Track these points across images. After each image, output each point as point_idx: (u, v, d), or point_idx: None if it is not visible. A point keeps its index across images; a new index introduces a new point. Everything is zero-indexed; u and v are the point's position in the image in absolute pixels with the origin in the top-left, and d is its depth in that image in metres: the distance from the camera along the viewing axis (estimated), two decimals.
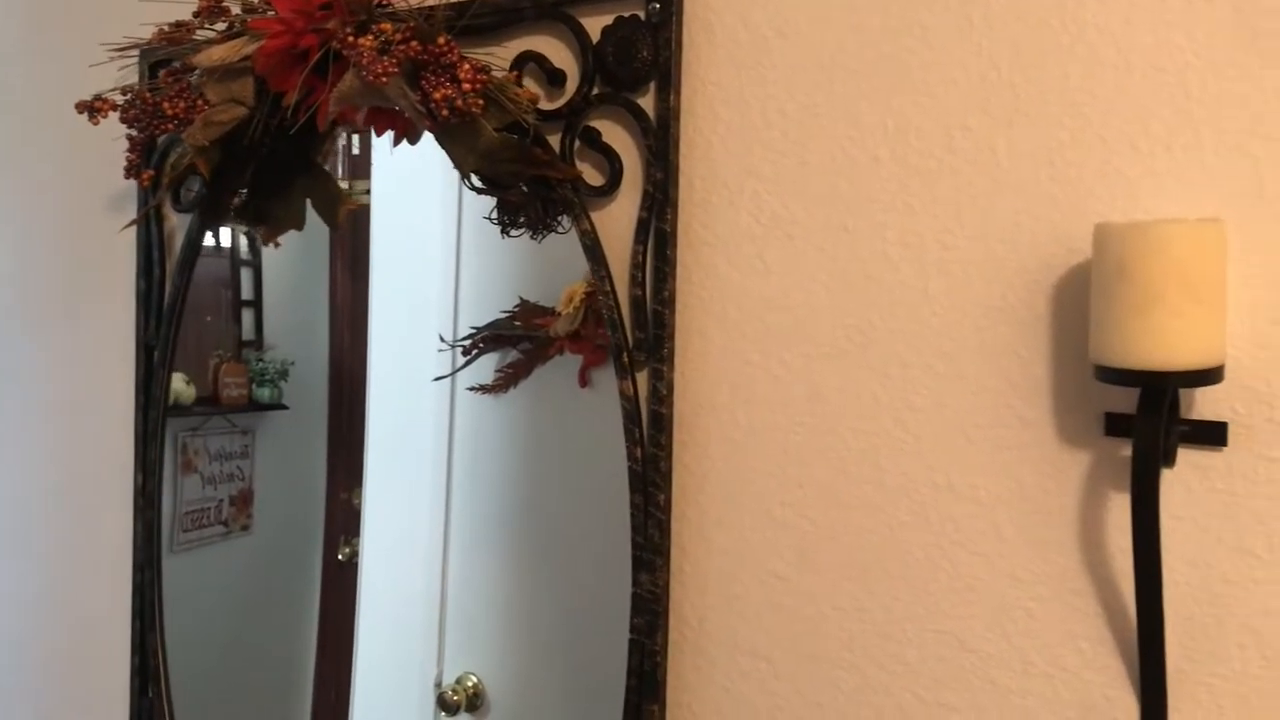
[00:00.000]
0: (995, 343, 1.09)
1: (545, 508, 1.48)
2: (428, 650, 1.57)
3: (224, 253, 1.78)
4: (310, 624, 1.79)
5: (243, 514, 1.83)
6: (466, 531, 1.54)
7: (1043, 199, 1.07)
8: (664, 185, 1.23)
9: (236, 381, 1.79)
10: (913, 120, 1.13)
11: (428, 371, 1.55)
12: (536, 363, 1.46)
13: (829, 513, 1.19)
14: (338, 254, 1.77)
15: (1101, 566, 1.05)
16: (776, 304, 1.21)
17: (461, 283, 1.55)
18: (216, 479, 1.79)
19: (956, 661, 1.12)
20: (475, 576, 1.54)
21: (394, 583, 1.66)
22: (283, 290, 1.84)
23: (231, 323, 1.82)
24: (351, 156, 1.77)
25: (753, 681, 1.24)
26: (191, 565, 1.77)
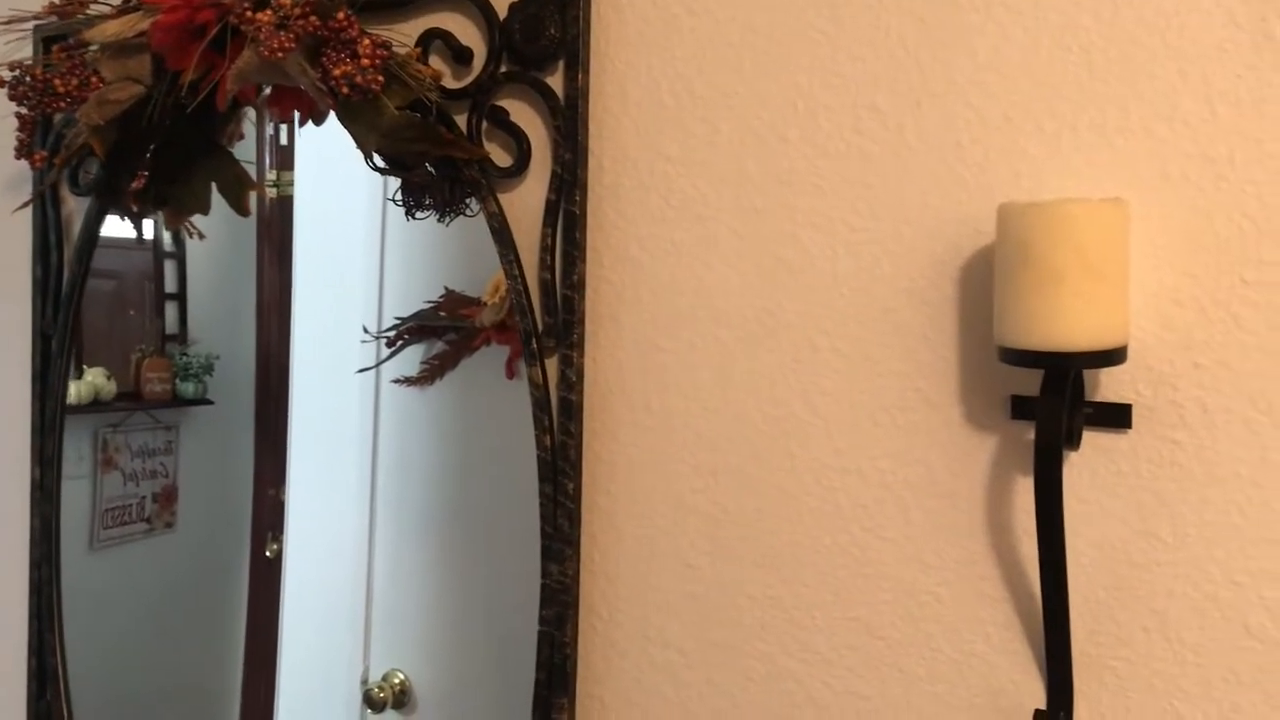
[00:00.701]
0: (903, 325, 1.08)
1: (472, 501, 1.46)
2: (354, 647, 1.54)
3: (146, 245, 1.74)
4: (238, 622, 1.76)
5: (166, 511, 1.79)
6: (393, 526, 1.52)
7: (950, 180, 1.06)
8: (573, 166, 1.20)
9: (160, 376, 1.76)
10: (821, 100, 1.11)
11: (352, 364, 1.52)
12: (463, 354, 1.44)
13: (741, 499, 1.17)
14: (265, 246, 1.73)
15: (1008, 551, 1.04)
16: (687, 287, 1.19)
17: (386, 273, 1.52)
18: (139, 475, 1.75)
19: (866, 649, 1.11)
20: (402, 572, 1.52)
21: (319, 579, 1.63)
22: (208, 283, 1.80)
23: (154, 316, 1.78)
24: (279, 147, 1.73)
25: (664, 672, 1.22)
26: (113, 563, 1.73)
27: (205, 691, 1.81)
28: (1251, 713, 0.96)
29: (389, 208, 1.52)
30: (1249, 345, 0.95)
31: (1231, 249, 0.95)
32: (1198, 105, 0.96)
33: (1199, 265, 0.96)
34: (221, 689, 1.78)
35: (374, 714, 1.50)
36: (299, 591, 1.64)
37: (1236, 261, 0.95)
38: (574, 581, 1.23)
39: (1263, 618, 0.95)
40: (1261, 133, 0.94)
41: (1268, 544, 0.95)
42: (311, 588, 1.64)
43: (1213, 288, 0.96)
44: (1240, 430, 0.95)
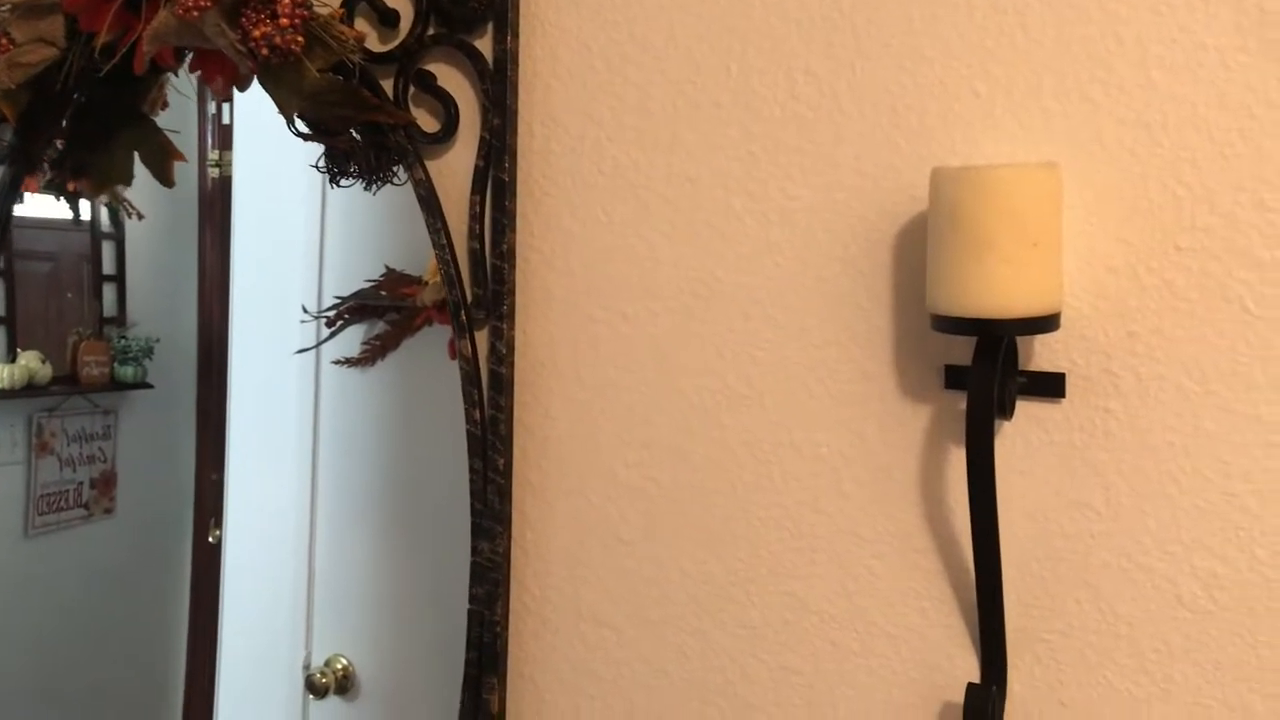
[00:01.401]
0: (838, 294, 1.06)
1: (413, 483, 1.44)
2: (296, 632, 1.51)
3: (84, 226, 1.71)
4: (180, 609, 1.75)
5: (105, 497, 1.76)
6: (334, 509, 1.49)
7: (884, 146, 1.04)
8: (502, 132, 1.17)
9: (97, 360, 1.73)
10: (755, 65, 1.09)
11: (293, 345, 1.49)
12: (404, 334, 1.41)
13: (674, 473, 1.15)
14: (207, 227, 1.72)
15: (942, 523, 1.03)
16: (619, 256, 1.16)
17: (327, 252, 1.49)
18: (76, 461, 1.72)
19: (799, 624, 1.09)
20: (344, 556, 1.49)
21: (260, 564, 1.60)
22: (148, 265, 1.78)
23: (92, 299, 1.75)
24: (221, 126, 1.70)
25: (597, 650, 1.19)
26: (50, 550, 1.70)
27: (147, 680, 1.79)
28: (1184, 684, 0.95)
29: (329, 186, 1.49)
30: (1183, 313, 0.94)
31: (1166, 215, 0.94)
32: (1133, 70, 0.95)
33: (1133, 232, 0.95)
34: (164, 677, 1.76)
35: (316, 699, 1.47)
36: (239, 577, 1.62)
37: (1171, 228, 0.94)
38: (505, 559, 1.20)
39: (1195, 588, 0.95)
40: (1196, 97, 0.93)
41: (1200, 513, 0.94)
42: (252, 573, 1.61)
43: (1147, 255, 0.95)
44: (1173, 399, 0.94)
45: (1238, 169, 0.92)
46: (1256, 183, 0.91)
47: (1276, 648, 0.92)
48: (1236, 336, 0.92)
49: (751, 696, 1.12)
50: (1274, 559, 0.92)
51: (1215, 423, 0.93)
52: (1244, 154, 0.91)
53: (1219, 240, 0.92)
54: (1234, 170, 0.92)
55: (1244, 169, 0.92)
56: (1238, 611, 0.93)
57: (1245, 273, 0.92)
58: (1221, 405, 0.93)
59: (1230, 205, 0.92)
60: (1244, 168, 0.92)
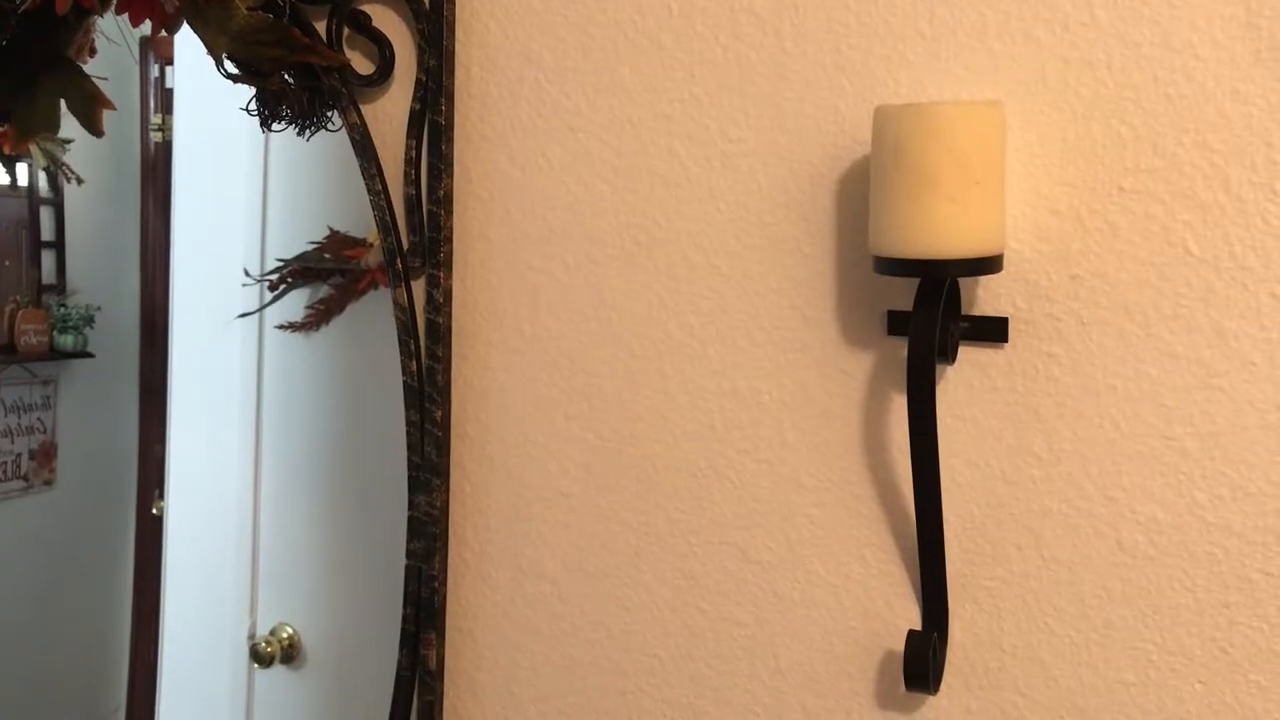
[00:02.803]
0: (780, 240, 1.04)
1: (359, 448, 1.41)
2: (240, 602, 1.48)
3: (20, 191, 1.67)
4: (124, 579, 1.73)
5: (45, 468, 1.73)
6: (279, 477, 1.46)
7: (828, 87, 1.02)
8: (438, 74, 1.14)
9: (36, 329, 1.70)
10: (697, 3, 1.06)
11: (234, 310, 1.45)
12: (349, 298, 1.37)
13: (615, 425, 1.13)
14: (149, 192, 1.69)
15: (884, 470, 1.02)
16: (559, 203, 1.13)
17: (269, 214, 1.45)
18: (14, 432, 1.69)
19: (740, 574, 1.08)
20: (288, 524, 1.46)
21: (204, 533, 1.56)
22: (88, 231, 1.74)
23: (30, 266, 1.71)
24: (164, 90, 1.66)
25: (537, 605, 1.17)
26: None
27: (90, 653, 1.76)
28: (1123, 628, 0.95)
29: (271, 147, 1.45)
30: (1125, 255, 0.93)
31: (1109, 156, 0.93)
32: (1077, 9, 0.93)
33: (1076, 174, 0.94)
34: (108, 650, 1.74)
35: (262, 669, 1.45)
36: (182, 547, 1.58)
37: (1114, 170, 0.93)
38: (442, 513, 1.18)
39: (1135, 534, 0.94)
40: (1140, 37, 0.91)
41: (1141, 459, 0.94)
42: (195, 543, 1.57)
43: (1090, 197, 0.94)
44: (1115, 343, 0.94)
45: (1181, 110, 0.91)
46: (1200, 124, 0.90)
47: (1213, 591, 0.92)
48: (1179, 279, 0.92)
49: (692, 648, 1.11)
50: (1213, 503, 0.92)
51: (1157, 367, 0.93)
52: (1188, 95, 0.90)
53: (1162, 182, 0.92)
54: (1178, 111, 0.91)
55: (1187, 110, 0.91)
56: (1177, 556, 0.93)
57: (1188, 214, 0.91)
58: (1163, 349, 0.92)
59: (1174, 147, 0.91)
60: (1187, 109, 0.91)
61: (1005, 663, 0.99)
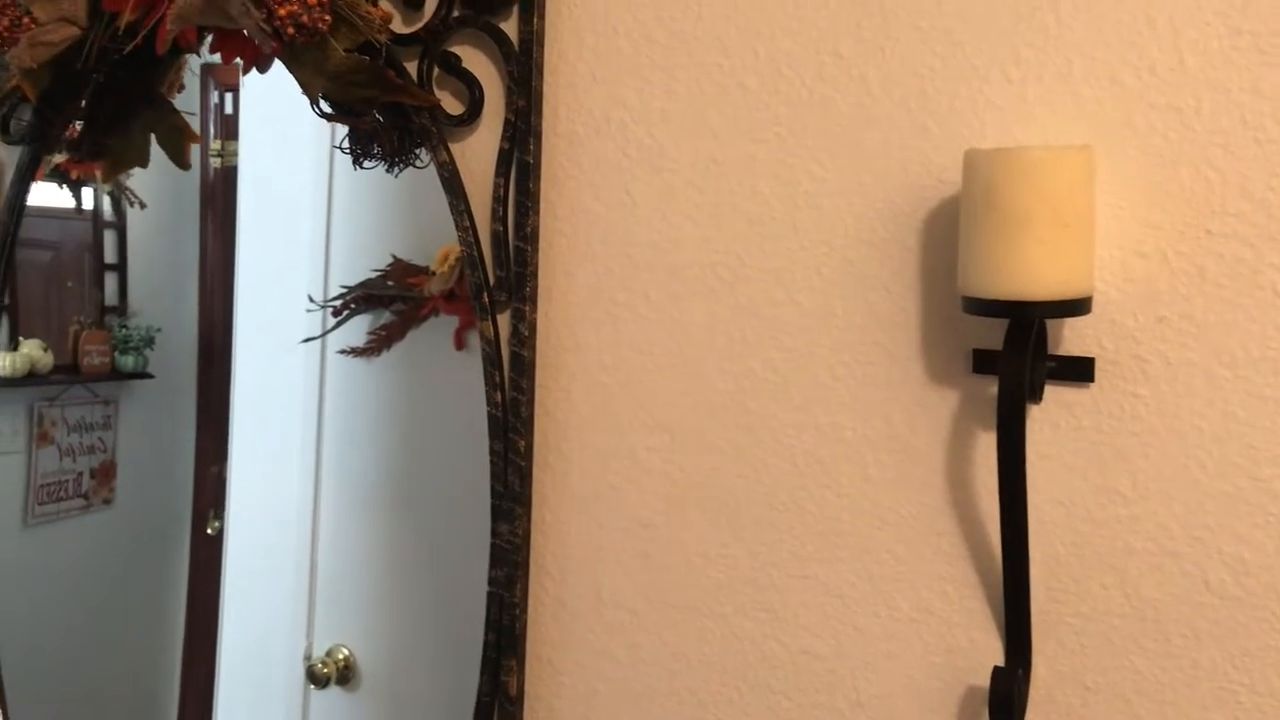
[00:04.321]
0: (864, 278, 1.06)
1: (419, 473, 1.43)
2: (297, 623, 1.51)
3: (85, 215, 1.69)
4: (178, 598, 1.73)
5: (105, 487, 1.74)
6: (338, 499, 1.48)
7: (913, 129, 1.03)
8: (527, 114, 1.17)
9: (98, 349, 1.71)
10: (782, 47, 1.08)
11: (297, 335, 1.48)
12: (410, 324, 1.40)
13: (696, 457, 1.14)
14: (209, 216, 1.70)
15: (968, 507, 1.03)
16: (643, 240, 1.16)
17: (333, 242, 1.48)
18: (76, 451, 1.70)
19: (821, 608, 1.09)
20: (347, 545, 1.49)
21: (263, 554, 1.59)
22: (149, 254, 1.76)
23: (93, 288, 1.73)
24: (224, 116, 1.69)
25: (616, 633, 1.19)
26: (48, 539, 1.68)
27: (145, 671, 1.77)
28: (1210, 669, 0.95)
29: (335, 174, 1.48)
30: (1213, 298, 0.94)
31: (1196, 200, 0.94)
32: (1165, 54, 0.95)
33: (1163, 216, 0.95)
34: (161, 668, 1.75)
35: (317, 689, 1.47)
36: (241, 567, 1.61)
37: (1201, 213, 0.94)
38: (525, 541, 1.20)
39: (1222, 573, 0.95)
40: (1230, 82, 0.93)
41: (1228, 499, 0.94)
42: (254, 563, 1.60)
43: (1177, 239, 0.95)
44: (1203, 384, 0.94)
45: (1271, 155, 0.92)
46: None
47: None
48: (1267, 322, 0.92)
49: (772, 680, 1.12)
50: None
51: (1244, 408, 0.93)
52: (1277, 139, 0.91)
53: (1250, 225, 0.92)
54: (1267, 156, 0.92)
55: (1276, 155, 0.91)
56: (1265, 597, 0.93)
57: (1276, 257, 0.92)
58: (1251, 391, 0.93)
59: (1263, 191, 0.92)
60: (1277, 154, 0.91)
61: (1089, 700, 0.99)
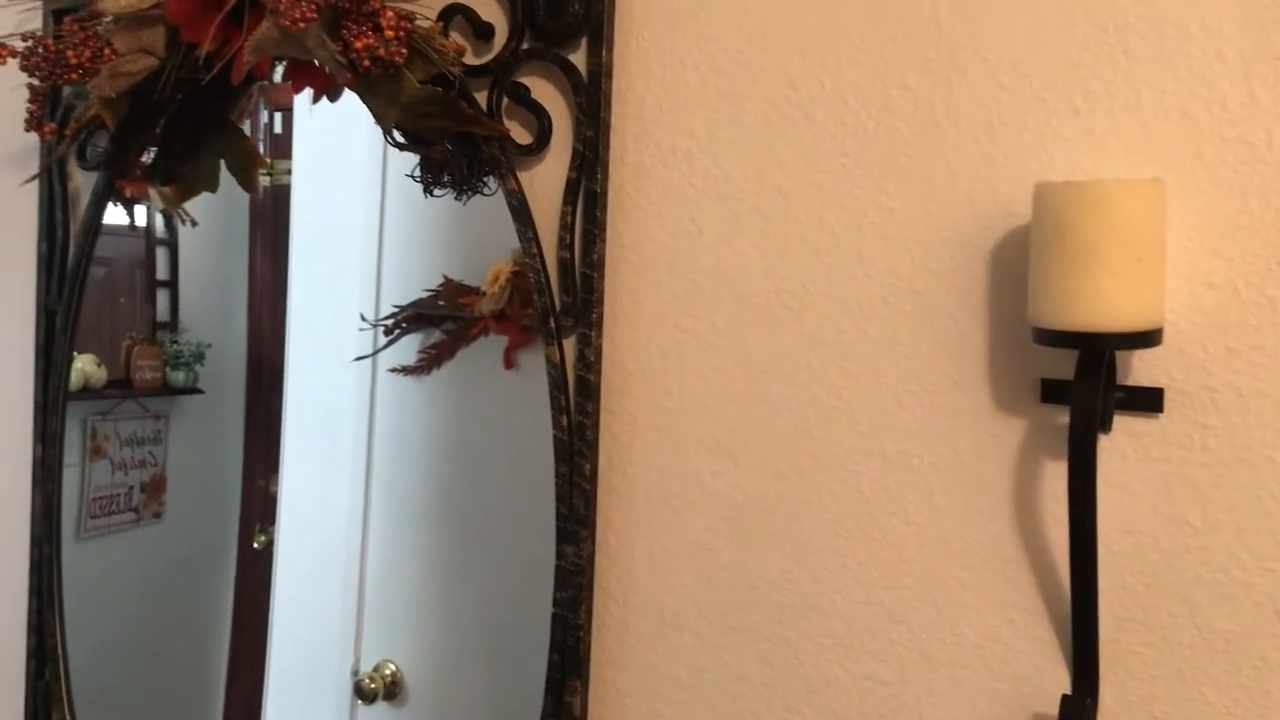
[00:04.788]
0: (931, 307, 1.07)
1: (468, 491, 1.45)
2: (345, 638, 1.53)
3: (139, 232, 1.72)
4: (224, 612, 1.75)
5: (155, 501, 1.77)
6: (387, 516, 1.51)
7: (981, 160, 1.05)
8: (594, 144, 1.19)
9: (150, 364, 1.74)
10: (849, 79, 1.10)
11: (348, 352, 1.50)
12: (460, 343, 1.42)
13: (761, 483, 1.16)
14: (258, 234, 1.73)
15: (1034, 535, 1.04)
16: (709, 268, 1.18)
17: (384, 261, 1.51)
18: (127, 464, 1.73)
19: (886, 634, 1.10)
20: (395, 562, 1.51)
21: (311, 569, 1.62)
22: (200, 271, 1.79)
23: (145, 304, 1.76)
24: (274, 136, 1.72)
25: (680, 656, 1.20)
26: (99, 552, 1.71)
27: (191, 681, 1.79)
28: None
29: (387, 195, 1.51)
30: None
31: (1267, 232, 0.94)
32: (1235, 88, 0.95)
33: (1233, 248, 0.96)
34: (207, 679, 1.76)
35: (364, 704, 1.49)
36: (290, 581, 1.63)
37: (1272, 245, 0.94)
38: (589, 563, 1.21)
39: None
40: None
41: None
42: (303, 578, 1.63)
43: (1247, 271, 0.95)
44: (1274, 415, 0.95)
45: None
46: None
47: None
48: None
49: (836, 705, 1.13)
50: None
51: None
52: None
53: None
54: None
55: None
56: None
57: None
58: None
59: None
60: None
61: None
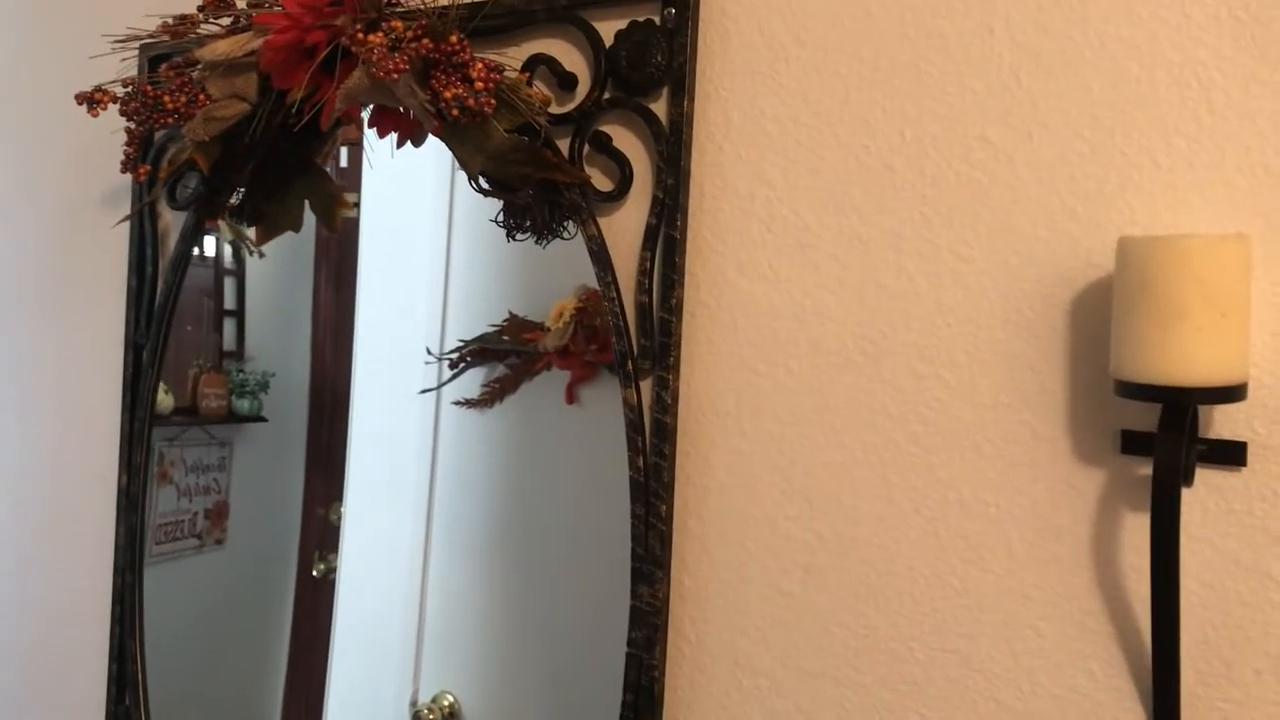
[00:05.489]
0: (1010, 356, 1.08)
1: (528, 524, 1.46)
2: (404, 668, 1.54)
3: (208, 262, 1.76)
4: (281, 640, 1.76)
5: (217, 528, 1.79)
6: (448, 547, 1.52)
7: (1062, 212, 1.06)
8: (675, 191, 1.21)
9: (216, 392, 1.77)
10: (929, 130, 1.12)
11: (413, 384, 1.53)
12: (523, 378, 1.44)
13: (836, 527, 1.17)
14: (322, 266, 1.75)
15: (1114, 586, 1.03)
16: (786, 313, 1.19)
17: (450, 295, 1.53)
18: (192, 491, 1.76)
19: (963, 681, 1.10)
20: (455, 592, 1.52)
21: (372, 598, 1.63)
22: (266, 301, 1.82)
23: (213, 332, 1.79)
24: (339, 169, 1.75)
25: (753, 699, 1.21)
26: (162, 578, 1.73)
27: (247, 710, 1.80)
28: None
29: (454, 230, 1.54)
30: None
31: None
32: None
33: None
34: (263, 707, 1.78)
35: None
36: (351, 610, 1.65)
37: None
38: (664, 605, 1.23)
39: None
40: None
41: None
42: (364, 606, 1.64)
43: None
44: None
45: None
46: None
47: None
48: None
49: None
50: None
51: None
52: None
53: None
54: None
55: None
56: None
57: None
58: None
59: None
60: None
61: None
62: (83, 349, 1.77)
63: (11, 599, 1.86)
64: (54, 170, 1.82)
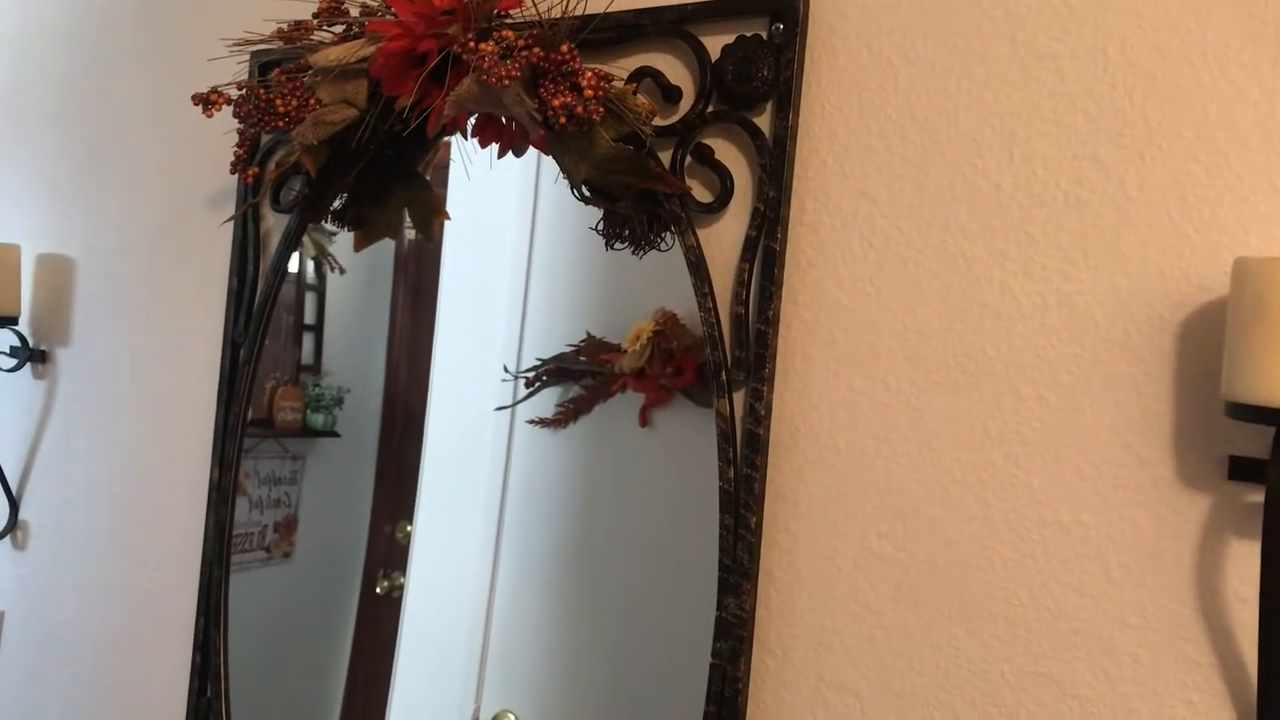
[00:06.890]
0: (1115, 378, 1.07)
1: (598, 545, 1.47)
2: (466, 685, 1.55)
3: (290, 277, 1.79)
4: (342, 657, 1.78)
5: (285, 541, 1.82)
6: (516, 565, 1.53)
7: (1172, 234, 1.05)
8: (776, 204, 1.22)
9: (292, 406, 1.80)
10: (1039, 150, 1.11)
11: (488, 403, 1.54)
12: (599, 399, 1.45)
13: (929, 546, 1.16)
14: (400, 284, 1.77)
15: (1218, 616, 1.02)
16: (885, 329, 1.19)
17: (529, 315, 1.55)
18: (264, 503, 1.79)
19: (1055, 706, 1.09)
20: (520, 611, 1.53)
21: (438, 615, 1.64)
22: (344, 317, 1.85)
23: (292, 346, 1.82)
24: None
25: (838, 716, 1.20)
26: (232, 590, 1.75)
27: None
28: None
29: (534, 250, 1.55)
30: None
31: None
32: None
33: None
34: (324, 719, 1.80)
35: None
36: (416, 626, 1.66)
37: None
38: (750, 617, 1.23)
39: None
40: None
41: None
42: (429, 624, 1.65)
43: None
44: None
45: None
46: None
47: None
48: None
49: None
50: None
51: None
52: None
53: None
54: None
55: None
56: None
57: None
58: None
59: None
60: None
61: None
62: (184, 345, 1.81)
63: (101, 586, 1.91)
64: (165, 172, 1.88)
